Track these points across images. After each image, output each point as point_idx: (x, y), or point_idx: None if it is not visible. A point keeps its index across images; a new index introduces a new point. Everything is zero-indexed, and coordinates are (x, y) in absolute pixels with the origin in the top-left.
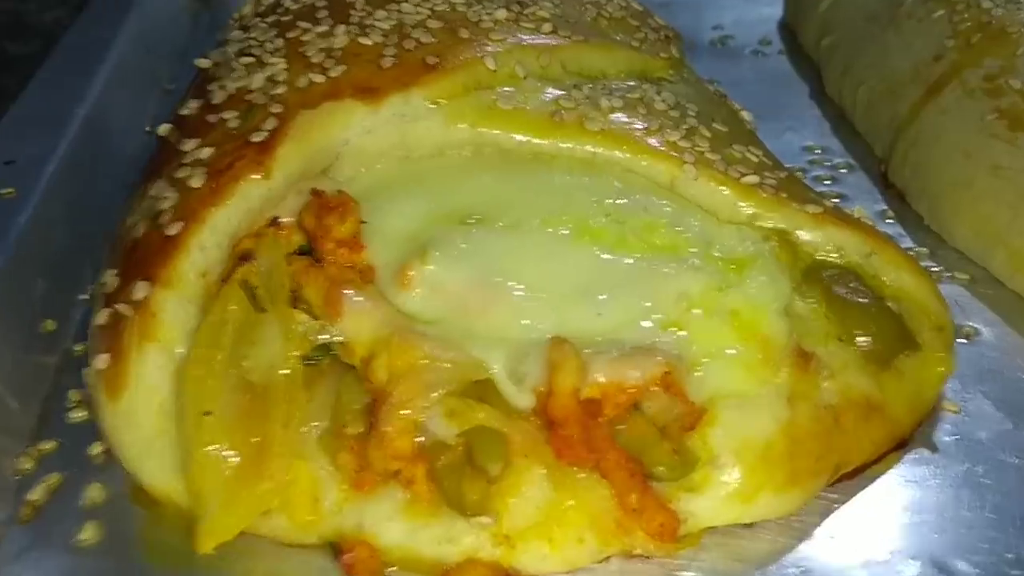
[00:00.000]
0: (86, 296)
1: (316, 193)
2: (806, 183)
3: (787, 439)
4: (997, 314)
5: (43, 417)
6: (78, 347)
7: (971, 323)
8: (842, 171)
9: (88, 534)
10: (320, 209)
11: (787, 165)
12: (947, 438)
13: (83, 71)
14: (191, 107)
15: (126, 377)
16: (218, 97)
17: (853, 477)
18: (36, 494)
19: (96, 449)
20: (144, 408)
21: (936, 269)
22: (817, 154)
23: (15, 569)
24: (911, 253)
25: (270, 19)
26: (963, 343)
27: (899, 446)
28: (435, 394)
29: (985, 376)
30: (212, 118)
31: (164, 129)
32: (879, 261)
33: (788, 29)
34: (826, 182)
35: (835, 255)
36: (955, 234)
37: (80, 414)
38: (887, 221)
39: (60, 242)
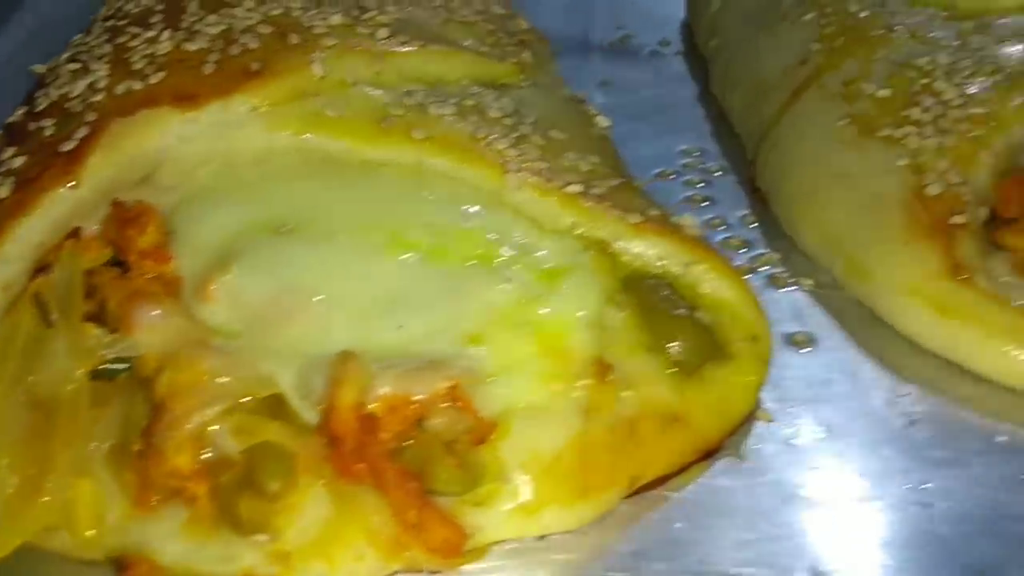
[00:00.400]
0: None
1: (115, 204)
2: (644, 191)
3: (577, 452)
4: (837, 322)
5: None
6: None
7: (808, 330)
8: (716, 174)
9: None
10: (119, 220)
11: (661, 168)
12: (758, 447)
13: None
14: (17, 115)
15: None
16: (41, 104)
17: (656, 487)
18: None
19: None
20: None
21: (783, 275)
22: (694, 156)
23: None
24: (763, 258)
25: (109, 23)
26: (798, 351)
27: (706, 456)
28: (213, 410)
29: (811, 385)
30: (32, 126)
31: None
32: (699, 271)
33: (688, 30)
34: (698, 185)
35: (656, 265)
36: (804, 240)
37: None
38: (749, 226)
39: None
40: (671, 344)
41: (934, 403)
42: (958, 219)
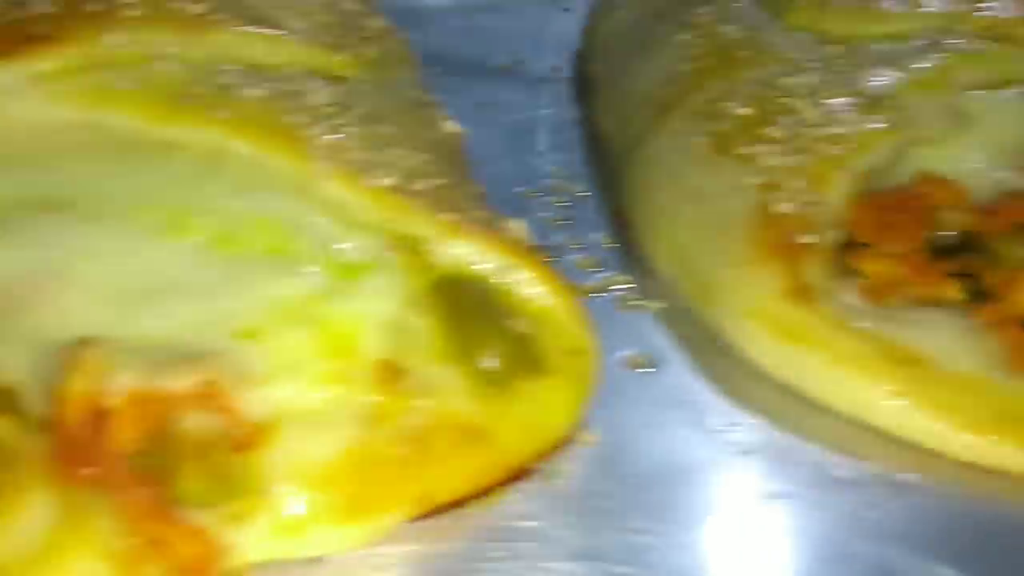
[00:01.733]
0: None
1: None
2: (480, 195)
3: (354, 463)
4: (682, 346)
5: None
6: None
7: (649, 353)
8: (580, 196)
9: None
10: None
11: (524, 188)
12: (576, 471)
13: None
14: None
15: None
16: None
17: (452, 509)
18: None
19: None
20: None
21: (633, 297)
22: (561, 178)
23: None
24: (612, 279)
25: None
26: (638, 373)
27: (514, 478)
28: None
29: (645, 409)
30: None
31: None
32: (518, 277)
33: (580, 57)
34: (559, 205)
35: (471, 268)
36: (657, 261)
37: None
38: (605, 247)
39: None
40: (481, 354)
41: (771, 433)
42: (807, 239)
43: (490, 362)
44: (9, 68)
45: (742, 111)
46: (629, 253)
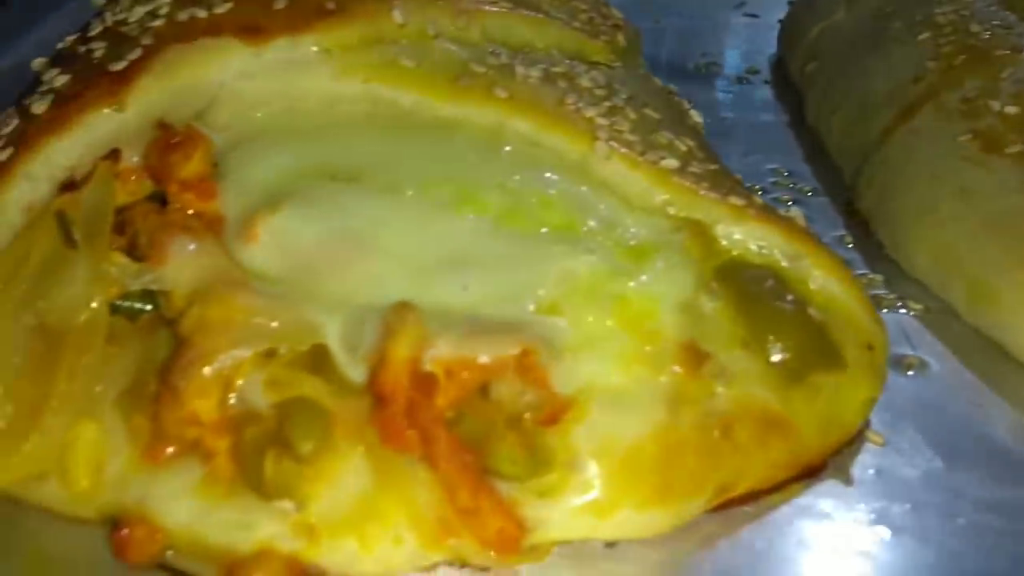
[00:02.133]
0: None
1: (161, 126)
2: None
3: (660, 447)
4: (948, 348)
5: None
6: None
7: (918, 354)
8: (807, 195)
9: None
10: (163, 144)
11: (750, 184)
12: (866, 471)
13: None
14: (68, 40)
15: None
16: (95, 30)
17: (746, 503)
18: None
19: None
20: None
21: (889, 297)
22: (783, 176)
23: None
24: (865, 279)
25: None
26: (907, 375)
27: (807, 474)
28: (244, 351)
29: (923, 410)
30: (82, 49)
31: (38, 63)
32: (807, 265)
33: (778, 61)
34: (788, 203)
35: (758, 254)
36: (914, 262)
37: None
38: (847, 246)
39: None
40: (773, 342)
41: None
42: None
43: (785, 351)
44: (300, 42)
45: (1010, 109)
46: (873, 252)
